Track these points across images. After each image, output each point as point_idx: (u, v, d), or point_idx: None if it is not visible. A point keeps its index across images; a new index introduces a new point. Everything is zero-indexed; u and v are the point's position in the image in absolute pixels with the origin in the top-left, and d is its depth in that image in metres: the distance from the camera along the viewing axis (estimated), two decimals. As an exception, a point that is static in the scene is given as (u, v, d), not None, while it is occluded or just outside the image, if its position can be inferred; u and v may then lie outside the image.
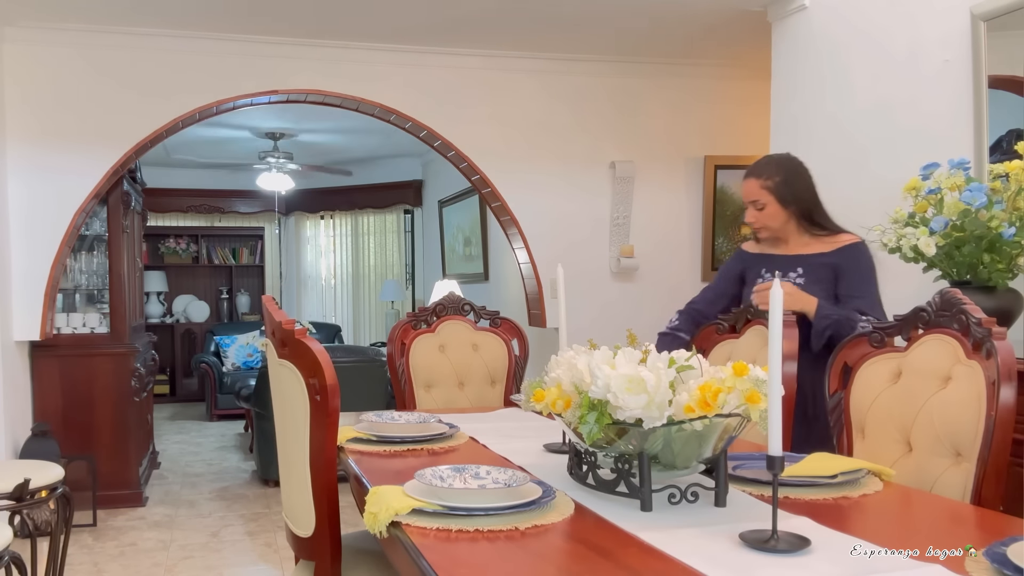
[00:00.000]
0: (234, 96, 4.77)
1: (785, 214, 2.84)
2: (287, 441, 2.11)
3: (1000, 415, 1.85)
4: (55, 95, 4.55)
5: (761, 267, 2.93)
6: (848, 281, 2.75)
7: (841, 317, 2.64)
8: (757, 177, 2.85)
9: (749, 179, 2.88)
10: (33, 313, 4.52)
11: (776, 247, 2.93)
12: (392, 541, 1.57)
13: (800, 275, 2.80)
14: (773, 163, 2.90)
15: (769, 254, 2.94)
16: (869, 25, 3.64)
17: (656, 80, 5.35)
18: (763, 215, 2.85)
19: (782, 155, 2.99)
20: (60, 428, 4.83)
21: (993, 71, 3.02)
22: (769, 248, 2.96)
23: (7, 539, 2.65)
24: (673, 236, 5.43)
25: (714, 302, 3.05)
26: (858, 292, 2.73)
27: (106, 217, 5.22)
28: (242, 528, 4.79)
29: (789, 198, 2.83)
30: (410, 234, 9.82)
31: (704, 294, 3.13)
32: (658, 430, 1.58)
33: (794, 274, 2.81)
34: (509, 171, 5.14)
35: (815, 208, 2.86)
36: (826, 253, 2.80)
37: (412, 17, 4.46)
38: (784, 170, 2.86)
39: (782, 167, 2.87)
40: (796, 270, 2.82)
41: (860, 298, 2.71)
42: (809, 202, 2.85)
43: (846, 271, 2.76)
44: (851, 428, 2.27)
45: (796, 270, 2.82)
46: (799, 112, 4.08)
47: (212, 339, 9.31)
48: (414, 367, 3.42)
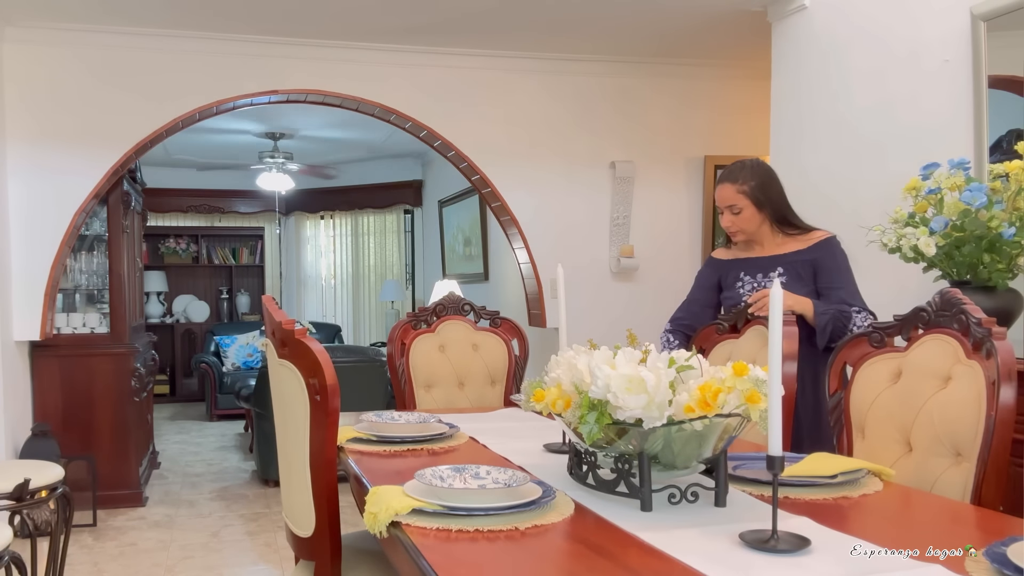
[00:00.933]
0: (234, 96, 4.78)
1: (760, 217, 2.92)
2: (287, 441, 2.11)
3: (1000, 415, 1.85)
4: (55, 95, 4.55)
5: (739, 271, 2.99)
6: (827, 275, 2.83)
7: (835, 311, 2.73)
8: (732, 182, 2.91)
9: (724, 184, 2.94)
10: (33, 313, 4.52)
11: (750, 250, 3.00)
12: (392, 541, 1.57)
13: (780, 274, 2.87)
14: (747, 168, 2.95)
15: (745, 258, 3.00)
16: (869, 25, 3.64)
17: (656, 80, 5.35)
18: (740, 219, 2.92)
19: (753, 160, 3.02)
20: (60, 428, 4.83)
21: (993, 71, 3.02)
22: (743, 252, 3.03)
23: (7, 539, 2.65)
24: (673, 236, 5.43)
25: (700, 315, 3.10)
26: (838, 283, 2.81)
27: (106, 217, 5.22)
28: (242, 528, 4.79)
29: (764, 201, 2.90)
30: (410, 234, 9.82)
31: (688, 308, 3.16)
32: (658, 430, 1.58)
33: (774, 274, 2.89)
34: (509, 171, 5.14)
35: (787, 210, 2.95)
36: (802, 250, 2.89)
37: (412, 17, 4.46)
38: (757, 175, 2.92)
39: (756, 172, 2.93)
40: (776, 269, 2.89)
41: (841, 288, 2.80)
42: (782, 204, 2.94)
43: (824, 265, 2.84)
44: (851, 428, 2.27)
45: (776, 269, 2.89)
46: (799, 112, 4.08)
47: (212, 339, 9.31)
48: (414, 367, 3.42)
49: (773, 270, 2.90)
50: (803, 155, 4.02)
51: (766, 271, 2.91)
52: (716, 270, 3.10)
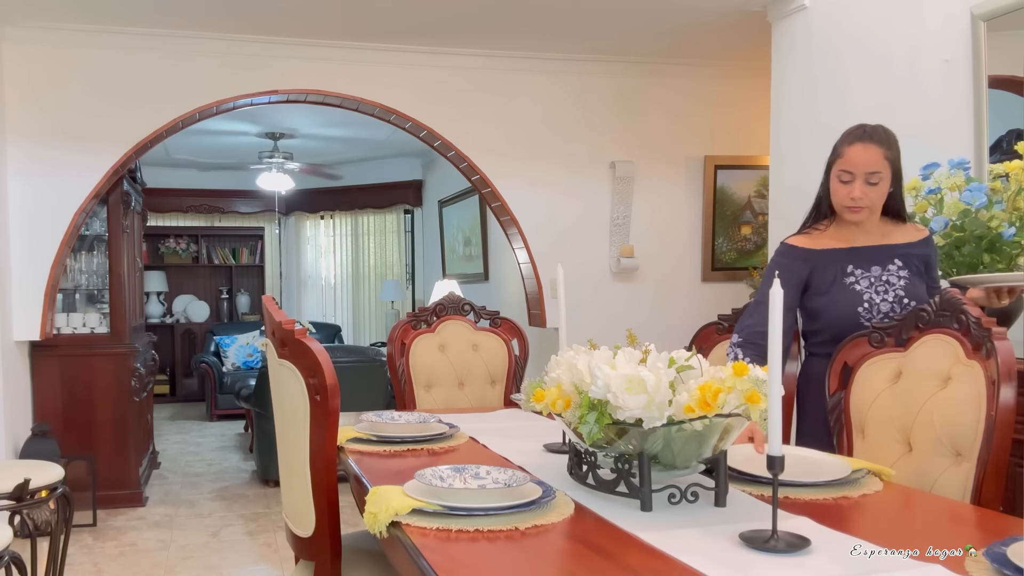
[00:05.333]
0: (234, 96, 4.77)
1: (885, 195, 2.44)
2: (287, 441, 2.11)
3: (1000, 415, 1.85)
4: (55, 95, 4.55)
5: (843, 263, 2.47)
6: (933, 272, 2.51)
7: None
8: (880, 145, 2.39)
9: (869, 145, 2.39)
10: (33, 313, 4.52)
11: (852, 237, 2.49)
12: (392, 541, 1.57)
13: (901, 267, 2.45)
14: (889, 134, 2.44)
15: (850, 247, 2.48)
16: (869, 25, 3.64)
17: (656, 80, 5.35)
18: (874, 191, 2.40)
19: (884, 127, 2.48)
20: (60, 428, 4.83)
21: (993, 71, 3.02)
22: (837, 240, 2.50)
23: (7, 539, 2.65)
24: (673, 236, 5.43)
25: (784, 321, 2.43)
26: (938, 284, 2.51)
27: (106, 217, 5.22)
28: (242, 528, 4.79)
29: (899, 176, 2.45)
30: (410, 234, 9.82)
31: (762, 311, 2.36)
32: (658, 430, 1.58)
33: (893, 267, 2.45)
34: (509, 171, 5.14)
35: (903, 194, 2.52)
36: (914, 243, 2.48)
37: (412, 17, 4.46)
38: (897, 145, 2.44)
39: (895, 141, 2.45)
40: (894, 261, 2.46)
41: (937, 290, 2.43)
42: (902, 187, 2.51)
43: (932, 263, 2.51)
44: (851, 428, 2.27)
45: (894, 261, 2.46)
46: (799, 112, 4.08)
47: (212, 339, 9.31)
48: (414, 367, 3.42)
49: (890, 262, 2.45)
50: (803, 155, 4.01)
51: (884, 263, 2.45)
52: (807, 262, 2.48)
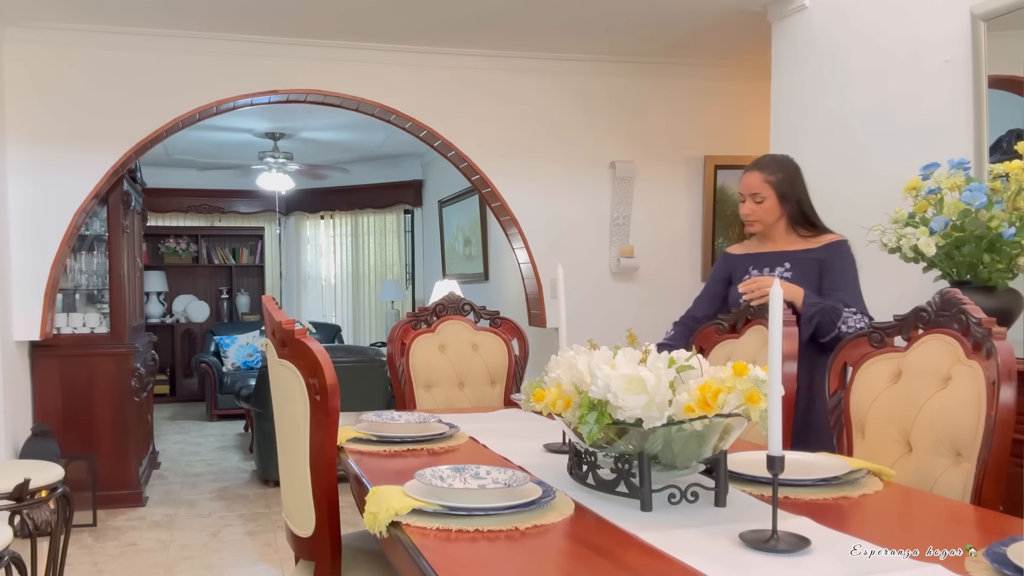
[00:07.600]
0: (234, 96, 4.77)
1: (779, 211, 2.96)
2: (287, 441, 2.11)
3: (1000, 415, 1.85)
4: (55, 95, 4.55)
5: (748, 265, 3.04)
6: (832, 275, 2.86)
7: (826, 305, 2.75)
8: (761, 171, 2.97)
9: (752, 172, 2.99)
10: (33, 313, 4.52)
11: (762, 245, 3.05)
12: (392, 541, 1.57)
13: (787, 269, 2.92)
14: (776, 161, 3.03)
15: (755, 253, 3.06)
16: (869, 25, 3.64)
17: (656, 80, 5.35)
18: (760, 208, 2.96)
19: (783, 156, 3.10)
20: (60, 428, 4.83)
21: (993, 71, 3.02)
22: (755, 247, 3.08)
23: (7, 539, 2.65)
24: (673, 236, 5.43)
25: (705, 308, 3.16)
26: (840, 285, 2.83)
27: (106, 217, 5.22)
28: (242, 528, 4.79)
29: (789, 195, 2.95)
30: (410, 234, 9.82)
31: (697, 303, 3.23)
32: (658, 430, 1.58)
33: (781, 268, 2.93)
34: (509, 171, 5.14)
35: (809, 210, 2.99)
36: (812, 249, 2.93)
37: (412, 17, 4.46)
38: (786, 169, 2.99)
39: (784, 166, 3.00)
40: (783, 264, 2.94)
41: (843, 291, 2.81)
42: (804, 203, 2.98)
43: (831, 266, 2.88)
44: (851, 428, 2.27)
45: (783, 264, 2.94)
46: (799, 112, 4.08)
47: (212, 339, 9.31)
48: (414, 367, 3.42)
49: (781, 265, 2.94)
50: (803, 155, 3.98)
51: (773, 266, 2.96)
52: (728, 264, 3.15)
